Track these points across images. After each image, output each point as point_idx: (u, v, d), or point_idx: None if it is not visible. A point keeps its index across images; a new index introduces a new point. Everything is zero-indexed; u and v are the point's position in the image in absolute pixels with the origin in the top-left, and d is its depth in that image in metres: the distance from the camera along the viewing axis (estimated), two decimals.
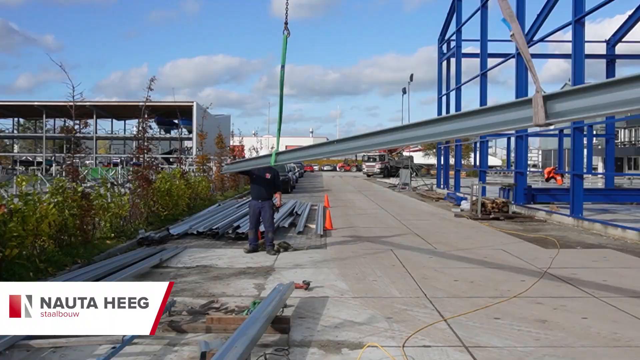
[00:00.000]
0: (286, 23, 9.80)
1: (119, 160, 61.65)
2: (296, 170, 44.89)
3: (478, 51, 25.12)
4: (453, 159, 31.15)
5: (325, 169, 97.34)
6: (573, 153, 15.98)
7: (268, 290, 7.56)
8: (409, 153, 62.38)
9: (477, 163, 25.06)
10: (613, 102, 4.58)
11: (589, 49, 20.63)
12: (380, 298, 7.37)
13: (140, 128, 15.07)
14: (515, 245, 12.02)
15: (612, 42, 24.22)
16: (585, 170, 19.12)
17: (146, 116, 14.77)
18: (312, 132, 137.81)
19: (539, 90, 5.09)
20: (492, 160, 69.32)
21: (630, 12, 22.42)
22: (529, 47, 21.23)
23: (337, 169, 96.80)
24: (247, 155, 36.60)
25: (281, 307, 6.27)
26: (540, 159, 79.47)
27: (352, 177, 61.18)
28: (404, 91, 48.27)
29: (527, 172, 22.12)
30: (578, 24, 15.70)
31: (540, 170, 41.75)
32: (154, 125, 59.70)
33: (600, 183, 31.90)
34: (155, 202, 14.75)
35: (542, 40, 19.95)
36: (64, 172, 10.94)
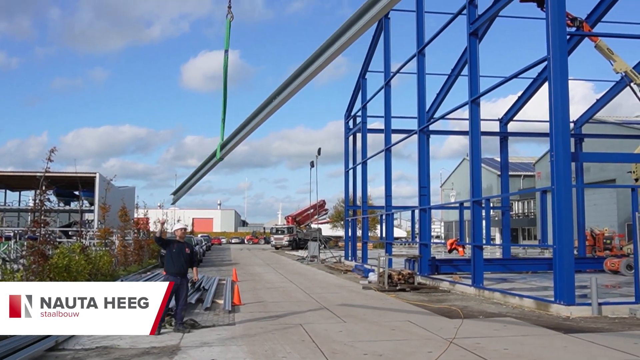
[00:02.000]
0: (229, 7, 9.75)
1: (12, 234, 57.85)
2: (203, 244, 43.98)
3: (383, 127, 26.31)
4: (360, 231, 31.73)
5: (233, 241, 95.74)
6: (473, 225, 16.77)
7: None
8: (317, 225, 63.00)
9: (384, 235, 25.68)
10: None
11: (485, 126, 22.16)
12: None
13: (37, 201, 14.33)
14: (421, 317, 12.23)
15: (504, 121, 26.14)
16: (484, 241, 20.05)
17: (44, 188, 14.12)
18: (219, 205, 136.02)
19: None
20: (397, 232, 71.25)
21: (520, 94, 24.39)
22: (431, 123, 22.38)
23: (245, 241, 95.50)
24: (151, 227, 35.57)
25: None
26: (442, 230, 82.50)
27: (260, 250, 60.60)
28: (312, 164, 49.15)
29: (431, 244, 22.89)
30: (474, 104, 16.93)
31: (443, 241, 43.37)
32: (52, 197, 56.91)
33: (498, 253, 33.44)
34: (52, 278, 13.88)
35: (442, 117, 21.24)
36: None
